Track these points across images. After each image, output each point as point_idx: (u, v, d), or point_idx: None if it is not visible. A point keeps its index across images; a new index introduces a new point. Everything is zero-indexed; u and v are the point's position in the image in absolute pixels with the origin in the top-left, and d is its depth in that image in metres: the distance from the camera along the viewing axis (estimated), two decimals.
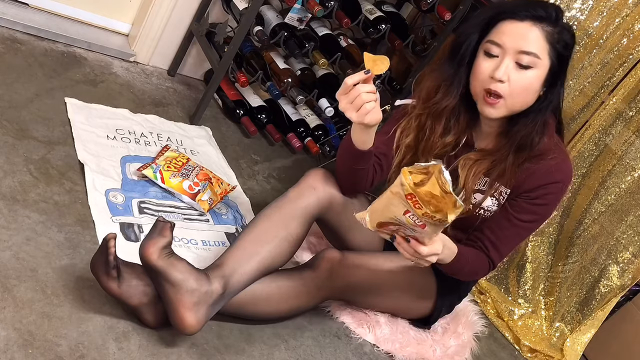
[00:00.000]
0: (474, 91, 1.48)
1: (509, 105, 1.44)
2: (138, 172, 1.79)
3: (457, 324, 1.88)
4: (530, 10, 1.41)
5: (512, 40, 1.40)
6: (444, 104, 1.52)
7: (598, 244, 2.18)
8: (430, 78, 1.56)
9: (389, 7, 2.44)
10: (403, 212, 1.20)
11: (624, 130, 2.12)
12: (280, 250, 1.48)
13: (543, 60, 1.41)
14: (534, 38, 1.40)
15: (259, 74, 2.26)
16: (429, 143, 1.57)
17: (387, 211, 1.24)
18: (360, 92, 1.30)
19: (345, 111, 1.34)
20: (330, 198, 1.56)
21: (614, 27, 2.08)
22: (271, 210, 1.52)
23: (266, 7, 2.26)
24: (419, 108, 1.57)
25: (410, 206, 1.17)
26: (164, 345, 1.35)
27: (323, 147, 2.48)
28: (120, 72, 2.27)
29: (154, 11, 2.29)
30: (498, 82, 1.41)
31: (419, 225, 1.21)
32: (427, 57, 2.46)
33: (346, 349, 1.65)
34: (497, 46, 1.42)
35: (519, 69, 1.41)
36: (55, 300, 1.31)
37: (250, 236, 1.46)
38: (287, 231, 1.49)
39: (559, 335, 2.22)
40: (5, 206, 1.45)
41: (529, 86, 1.43)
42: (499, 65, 1.41)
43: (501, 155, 1.51)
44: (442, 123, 1.54)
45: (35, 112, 1.80)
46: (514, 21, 1.41)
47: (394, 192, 1.19)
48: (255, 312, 1.49)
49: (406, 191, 1.16)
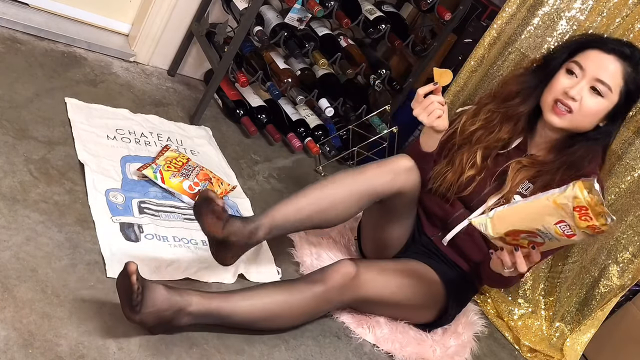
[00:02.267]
0: (545, 100, 1.60)
1: (573, 121, 1.57)
2: (138, 172, 1.79)
3: (457, 324, 1.88)
4: (618, 46, 1.55)
5: (594, 67, 1.54)
6: (520, 109, 1.65)
7: (598, 244, 2.17)
8: (514, 82, 1.69)
9: (389, 7, 2.44)
10: (556, 221, 1.26)
11: (624, 130, 2.12)
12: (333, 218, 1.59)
13: (614, 94, 1.55)
14: (613, 71, 1.54)
15: (259, 74, 2.27)
16: (486, 137, 1.67)
17: (535, 218, 1.29)
18: (432, 100, 1.50)
19: (418, 116, 1.52)
20: (403, 188, 1.62)
21: (614, 27, 2.08)
22: (344, 178, 1.59)
23: (266, 7, 2.26)
24: (494, 105, 1.69)
25: (574, 218, 1.22)
26: (164, 345, 1.35)
27: (323, 147, 2.48)
28: (120, 72, 2.27)
29: (154, 11, 2.29)
30: (571, 99, 1.54)
31: (566, 235, 1.26)
32: (427, 57, 2.46)
33: (346, 349, 1.66)
34: (580, 68, 1.55)
35: (592, 94, 1.55)
36: (55, 300, 1.31)
37: (315, 195, 1.56)
38: (350, 204, 1.58)
39: (558, 335, 2.22)
40: (5, 206, 1.45)
41: (594, 111, 1.56)
42: (575, 85, 1.55)
43: (551, 167, 1.61)
44: (510, 125, 1.66)
45: (35, 112, 1.80)
46: (601, 51, 1.55)
47: (560, 203, 1.23)
48: (267, 327, 1.51)
49: (578, 203, 1.21)
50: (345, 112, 2.44)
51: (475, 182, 1.66)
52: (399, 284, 1.63)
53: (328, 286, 1.52)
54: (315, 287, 1.52)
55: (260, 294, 1.47)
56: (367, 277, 1.57)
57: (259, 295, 1.46)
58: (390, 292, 1.63)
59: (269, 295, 1.48)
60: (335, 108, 2.37)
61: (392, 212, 1.70)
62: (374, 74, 2.40)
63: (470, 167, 1.67)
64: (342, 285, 1.53)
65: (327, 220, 1.59)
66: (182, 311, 1.34)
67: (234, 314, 1.42)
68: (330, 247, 1.91)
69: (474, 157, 1.67)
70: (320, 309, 1.56)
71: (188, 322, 1.37)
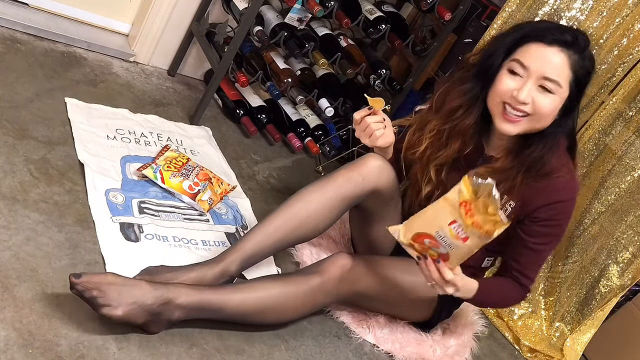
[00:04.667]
0: (492, 104, 1.49)
1: (529, 124, 1.46)
2: (138, 172, 1.79)
3: (457, 324, 1.88)
4: (558, 35, 1.41)
5: (537, 64, 1.41)
6: (467, 122, 1.54)
7: (598, 244, 2.17)
8: (454, 95, 1.56)
9: (389, 7, 2.44)
10: (449, 222, 1.26)
11: (624, 130, 2.12)
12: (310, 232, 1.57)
13: (564, 88, 1.43)
14: (559, 64, 1.41)
15: (259, 74, 2.26)
16: (436, 154, 1.59)
17: (432, 221, 1.30)
18: (368, 122, 1.51)
19: (359, 138, 1.54)
20: (377, 187, 1.59)
21: (614, 27, 2.08)
22: (311, 192, 1.56)
23: (266, 7, 2.26)
24: (438, 121, 1.58)
25: (461, 215, 1.23)
26: (164, 346, 1.35)
27: (323, 147, 2.48)
28: (120, 72, 2.27)
29: (154, 11, 2.29)
30: (521, 104, 1.43)
31: (461, 238, 1.26)
32: (427, 57, 2.46)
33: (346, 349, 1.66)
34: (522, 67, 1.43)
35: (542, 92, 1.43)
36: (55, 300, 1.31)
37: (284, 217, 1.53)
38: (323, 215, 1.56)
39: (558, 335, 2.22)
40: (5, 206, 1.45)
41: (550, 110, 1.44)
42: (522, 87, 1.42)
43: (510, 174, 1.52)
44: (459, 140, 1.57)
45: (35, 112, 1.80)
46: (541, 44, 1.42)
47: (449, 198, 1.25)
48: (262, 320, 1.50)
49: (463, 198, 1.22)
50: (345, 112, 2.44)
51: (435, 197, 1.58)
52: (395, 278, 1.62)
53: (325, 278, 1.51)
54: (312, 279, 1.51)
55: (254, 287, 1.46)
56: (364, 270, 1.56)
57: (252, 289, 1.45)
58: (387, 285, 1.61)
59: (264, 288, 1.46)
60: (335, 108, 2.37)
61: (373, 213, 1.68)
62: (374, 74, 2.39)
63: (427, 184, 1.62)
64: (339, 277, 1.52)
65: (303, 236, 1.57)
66: (171, 303, 1.33)
67: (225, 306, 1.40)
68: (330, 247, 1.91)
69: (428, 174, 1.61)
70: (317, 302, 1.54)
71: (180, 316, 1.35)
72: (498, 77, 1.46)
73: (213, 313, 1.40)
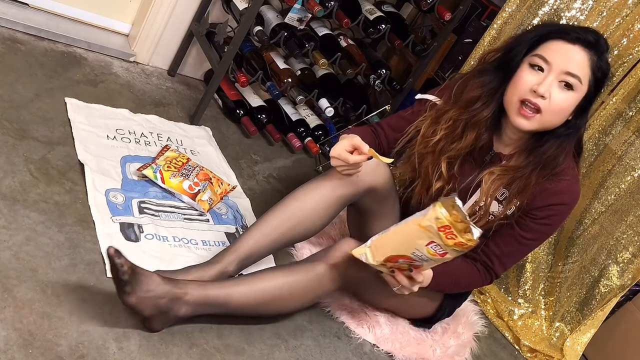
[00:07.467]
0: (509, 100, 1.50)
1: (543, 120, 1.47)
2: (138, 172, 1.79)
3: (457, 324, 1.88)
4: (582, 34, 1.44)
5: (560, 59, 1.42)
6: (484, 113, 1.54)
7: (598, 244, 2.17)
8: (474, 86, 1.56)
9: (389, 7, 2.44)
10: (427, 243, 1.28)
11: (624, 130, 2.13)
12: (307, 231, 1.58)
13: (583, 85, 1.45)
14: (580, 61, 1.43)
15: (259, 74, 2.26)
16: (449, 146, 1.59)
17: (407, 244, 1.32)
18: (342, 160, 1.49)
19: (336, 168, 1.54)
20: (373, 184, 1.59)
21: (614, 27, 2.08)
22: (306, 192, 1.57)
23: (266, 7, 2.26)
24: (455, 112, 1.58)
25: (440, 237, 1.25)
26: (164, 345, 1.35)
27: (323, 147, 2.48)
28: (120, 72, 2.27)
29: (154, 11, 2.29)
30: (539, 97, 1.43)
31: (439, 254, 1.29)
32: (427, 57, 2.47)
33: (346, 349, 1.66)
34: (545, 62, 1.44)
35: (561, 88, 1.44)
36: (55, 300, 1.31)
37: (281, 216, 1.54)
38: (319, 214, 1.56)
39: (558, 335, 2.22)
40: (5, 206, 1.45)
41: (565, 107, 1.46)
42: (542, 81, 1.43)
43: (524, 172, 1.53)
44: (474, 132, 1.56)
45: (35, 112, 1.80)
46: (564, 42, 1.44)
47: (425, 225, 1.26)
48: (268, 311, 1.50)
49: (441, 224, 1.23)
50: (345, 112, 2.44)
51: (445, 193, 1.61)
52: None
53: (330, 264, 1.51)
54: (318, 266, 1.51)
55: (259, 278, 1.46)
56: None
57: (257, 280, 1.45)
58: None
59: (269, 278, 1.46)
60: (335, 108, 2.37)
61: (370, 211, 1.67)
62: (374, 74, 2.40)
63: (438, 179, 1.61)
64: (346, 261, 1.51)
65: (300, 235, 1.58)
66: (179, 300, 1.33)
67: (230, 299, 1.40)
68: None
69: (439, 168, 1.60)
70: (323, 289, 1.53)
71: (187, 312, 1.36)
72: (518, 71, 1.48)
73: (219, 307, 1.41)
